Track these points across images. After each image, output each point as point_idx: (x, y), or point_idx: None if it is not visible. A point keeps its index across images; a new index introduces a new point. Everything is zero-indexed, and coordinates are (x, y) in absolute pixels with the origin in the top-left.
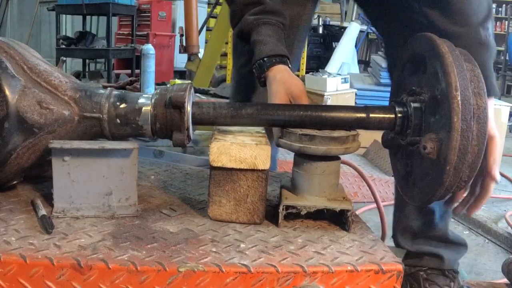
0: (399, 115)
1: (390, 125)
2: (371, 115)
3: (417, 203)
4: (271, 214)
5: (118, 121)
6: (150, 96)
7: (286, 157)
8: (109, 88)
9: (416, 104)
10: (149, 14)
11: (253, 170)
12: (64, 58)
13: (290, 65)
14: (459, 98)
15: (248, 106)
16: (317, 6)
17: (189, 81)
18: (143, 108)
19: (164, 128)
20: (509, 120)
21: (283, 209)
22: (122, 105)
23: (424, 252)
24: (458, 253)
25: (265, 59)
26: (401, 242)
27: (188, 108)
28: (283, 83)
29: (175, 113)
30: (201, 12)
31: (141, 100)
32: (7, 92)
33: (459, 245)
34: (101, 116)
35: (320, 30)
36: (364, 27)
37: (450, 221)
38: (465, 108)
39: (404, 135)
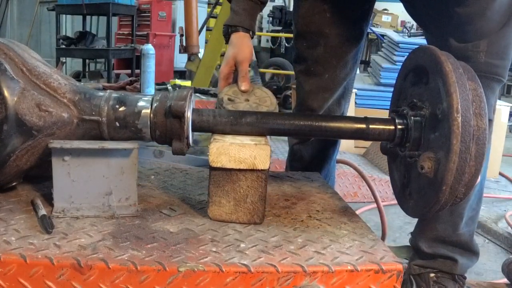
0: (399, 127)
1: (389, 136)
2: (371, 126)
3: (411, 215)
4: (271, 214)
5: (117, 124)
6: (150, 99)
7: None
8: (108, 91)
9: (416, 118)
10: (149, 14)
11: (252, 170)
12: (64, 60)
13: (249, 32)
14: (459, 121)
15: (248, 115)
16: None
17: (190, 84)
18: (143, 111)
19: (164, 135)
20: (509, 120)
21: None
22: (122, 108)
23: (440, 255)
24: (471, 262)
25: (230, 27)
26: (419, 242)
27: (188, 117)
28: (234, 47)
29: (175, 122)
30: (201, 12)
31: (140, 103)
32: (6, 94)
33: (474, 254)
34: (100, 119)
35: None
36: None
37: (475, 228)
38: (465, 130)
39: (403, 147)
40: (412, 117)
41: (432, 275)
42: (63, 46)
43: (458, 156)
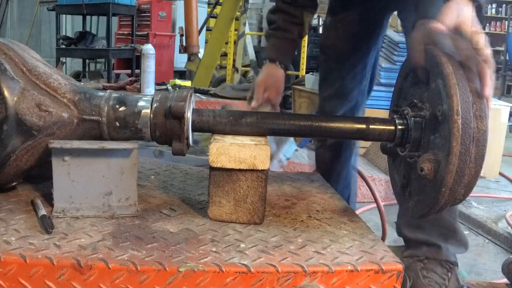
0: (399, 127)
1: (390, 137)
2: (371, 126)
3: (411, 216)
4: (271, 214)
5: (117, 124)
6: (150, 99)
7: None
8: (108, 91)
9: (416, 119)
10: (149, 14)
11: (252, 170)
12: (64, 60)
13: (283, 67)
14: (459, 123)
15: (248, 115)
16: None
17: (190, 84)
18: (143, 111)
19: (164, 136)
20: (509, 120)
21: None
22: (122, 108)
23: (423, 241)
24: (457, 249)
25: (266, 60)
26: (403, 229)
27: (188, 118)
28: (265, 74)
29: (175, 123)
30: (201, 12)
31: (140, 103)
32: (6, 94)
33: (460, 243)
34: (100, 119)
35: (320, 30)
36: None
37: (457, 212)
38: (465, 132)
39: (403, 147)
40: (412, 118)
41: (419, 262)
42: (63, 46)
43: (458, 158)
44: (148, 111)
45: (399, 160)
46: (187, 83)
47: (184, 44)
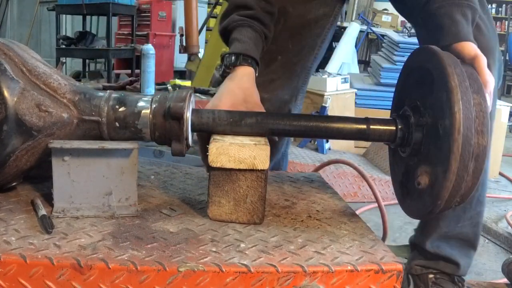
0: (399, 127)
1: (390, 138)
2: (371, 127)
3: (409, 215)
4: (271, 214)
5: (117, 124)
6: (150, 99)
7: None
8: (108, 91)
9: (418, 123)
10: (149, 14)
11: (252, 170)
12: (64, 60)
13: (257, 70)
14: (460, 142)
15: (248, 116)
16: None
17: (190, 84)
18: (142, 112)
19: (163, 136)
20: (509, 120)
21: None
22: (121, 109)
23: (442, 256)
24: (470, 259)
25: (236, 55)
26: (422, 240)
27: (187, 118)
28: (242, 88)
29: (174, 123)
30: (201, 12)
31: (140, 104)
32: (6, 94)
33: (472, 247)
34: (100, 119)
35: None
36: (364, 27)
37: (481, 222)
38: (465, 150)
39: (404, 148)
40: (413, 121)
41: (431, 276)
42: (63, 46)
43: (455, 175)
44: (148, 111)
45: (400, 159)
46: (187, 83)
47: (184, 44)
